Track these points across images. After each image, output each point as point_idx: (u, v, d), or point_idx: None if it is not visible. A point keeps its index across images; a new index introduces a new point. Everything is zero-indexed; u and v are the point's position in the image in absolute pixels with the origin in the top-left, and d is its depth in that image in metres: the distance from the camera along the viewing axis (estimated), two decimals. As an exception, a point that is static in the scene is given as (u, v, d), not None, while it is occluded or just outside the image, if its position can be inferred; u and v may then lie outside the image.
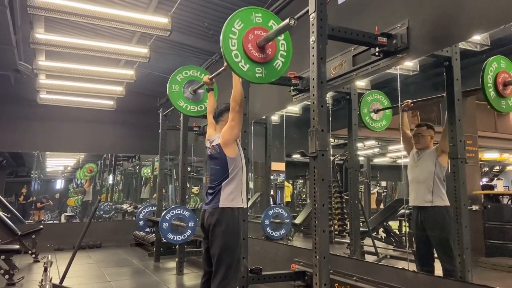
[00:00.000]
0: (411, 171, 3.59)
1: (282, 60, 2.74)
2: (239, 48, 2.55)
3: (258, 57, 2.61)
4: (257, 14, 2.67)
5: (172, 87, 4.05)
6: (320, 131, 2.50)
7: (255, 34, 2.60)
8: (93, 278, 5.11)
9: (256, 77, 2.61)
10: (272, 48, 2.67)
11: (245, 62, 2.57)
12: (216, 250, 2.74)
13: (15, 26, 5.18)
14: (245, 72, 2.57)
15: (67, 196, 13.41)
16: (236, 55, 2.54)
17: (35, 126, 8.26)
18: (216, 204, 2.79)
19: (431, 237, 3.36)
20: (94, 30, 5.87)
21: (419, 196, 3.43)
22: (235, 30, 2.55)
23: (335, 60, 3.54)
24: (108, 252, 7.41)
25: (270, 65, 2.69)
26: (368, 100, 4.21)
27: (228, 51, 2.52)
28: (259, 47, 2.61)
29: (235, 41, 2.55)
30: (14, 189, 12.71)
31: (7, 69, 6.51)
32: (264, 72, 2.65)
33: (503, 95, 2.84)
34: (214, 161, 2.93)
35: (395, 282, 2.83)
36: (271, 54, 2.66)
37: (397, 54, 2.90)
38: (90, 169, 12.27)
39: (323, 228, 2.49)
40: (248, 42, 2.57)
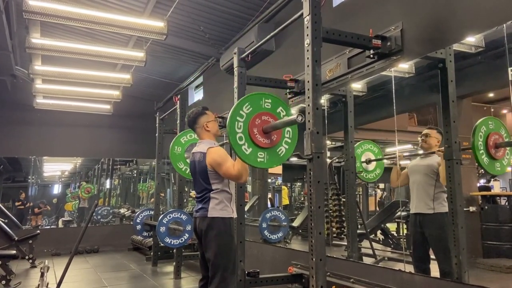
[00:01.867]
0: (412, 175, 3.58)
1: (286, 147, 2.70)
2: (244, 132, 2.54)
3: (263, 142, 2.59)
4: (267, 100, 2.66)
5: (174, 149, 4.09)
6: (316, 133, 2.51)
7: (262, 119, 2.59)
8: (91, 283, 5.08)
9: (258, 161, 2.58)
10: (277, 134, 2.65)
11: (248, 146, 2.55)
12: (211, 255, 2.74)
13: (11, 30, 5.17)
14: (247, 156, 2.54)
15: (65, 201, 13.37)
16: (240, 138, 2.52)
17: (32, 131, 8.24)
18: (204, 213, 2.76)
19: (429, 239, 3.36)
20: (91, 34, 5.88)
21: (420, 203, 3.41)
22: (243, 113, 2.54)
23: (331, 62, 3.56)
24: (106, 257, 7.38)
25: (273, 151, 2.65)
26: (359, 152, 4.28)
27: (233, 133, 2.50)
28: (264, 133, 2.59)
29: (241, 124, 2.53)
30: (12, 194, 12.68)
31: (3, 74, 6.49)
32: (266, 157, 2.61)
33: (496, 158, 2.85)
34: (197, 167, 2.85)
35: (391, 283, 2.83)
36: (275, 140, 2.64)
37: (392, 56, 2.92)
38: (88, 190, 12.19)
39: (319, 230, 2.50)
40: (254, 127, 2.56)
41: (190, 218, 5.11)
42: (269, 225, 5.27)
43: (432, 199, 3.34)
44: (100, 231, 9.14)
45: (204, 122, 2.90)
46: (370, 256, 4.96)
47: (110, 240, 8.47)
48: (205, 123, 2.90)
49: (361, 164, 4.24)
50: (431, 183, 3.37)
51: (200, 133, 2.94)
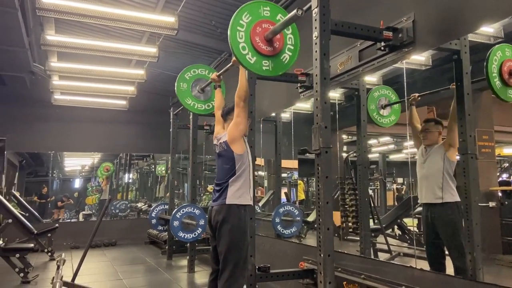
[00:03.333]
0: (419, 168, 3.52)
1: (289, 54, 2.74)
2: (246, 41, 2.55)
3: (266, 50, 2.61)
4: (265, 8, 2.67)
5: (180, 85, 4.08)
6: (324, 128, 2.47)
7: (263, 27, 2.60)
8: (106, 276, 5.18)
9: (263, 69, 2.62)
10: (279, 41, 2.67)
11: (252, 55, 2.57)
12: (223, 248, 2.75)
13: (28, 28, 5.27)
14: (252, 65, 2.57)
15: (86, 195, 13.66)
16: (243, 48, 2.54)
17: (50, 127, 8.42)
18: (223, 201, 2.80)
19: (441, 235, 3.29)
20: (105, 31, 5.94)
21: (428, 193, 3.36)
22: (243, 23, 2.56)
23: (342, 55, 3.50)
24: (123, 250, 7.50)
25: (278, 58, 2.69)
26: (375, 95, 4.16)
27: (236, 43, 2.52)
28: (266, 40, 2.61)
29: (243, 33, 2.55)
30: (34, 188, 13.01)
31: (21, 71, 6.63)
32: (271, 65, 2.65)
33: (509, 85, 2.75)
34: (222, 158, 2.93)
35: (402, 280, 2.78)
36: (278, 48, 2.66)
37: (403, 48, 2.84)
38: (106, 168, 12.49)
39: (327, 226, 2.47)
40: (255, 35, 2.57)
41: (204, 212, 5.14)
42: (282, 220, 5.25)
43: (440, 188, 3.27)
44: (118, 225, 9.31)
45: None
46: (385, 252, 4.91)
47: (128, 234, 8.61)
48: None
49: (376, 108, 4.14)
50: (439, 172, 3.30)
51: (229, 125, 2.95)
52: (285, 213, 5.32)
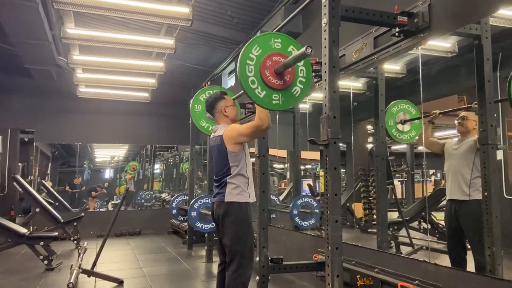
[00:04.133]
0: (448, 160, 3.39)
1: (300, 87, 2.61)
2: (256, 75, 2.45)
3: (276, 84, 2.50)
4: (276, 40, 2.56)
5: (194, 107, 4.04)
6: (332, 118, 2.40)
7: (273, 60, 2.49)
8: (127, 264, 5.29)
9: (273, 104, 2.49)
10: (290, 74, 2.55)
11: (261, 89, 2.47)
12: (228, 240, 2.74)
13: (50, 21, 5.38)
14: (261, 99, 2.46)
15: (116, 185, 14.05)
16: (252, 82, 2.44)
17: (76, 119, 8.65)
18: (221, 198, 2.78)
19: (464, 228, 3.18)
20: (124, 23, 6.00)
21: (455, 189, 3.23)
22: (253, 56, 2.46)
23: (356, 43, 3.39)
24: (146, 239, 7.66)
25: (288, 91, 2.56)
26: (393, 111, 4.05)
27: (245, 77, 2.42)
28: (277, 74, 2.49)
29: (252, 67, 2.45)
30: (67, 178, 13.48)
31: (47, 64, 6.78)
32: (281, 99, 2.52)
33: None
34: (217, 152, 2.87)
35: (416, 274, 2.70)
36: (289, 81, 2.54)
37: (419, 33, 2.72)
38: (133, 167, 12.81)
39: (336, 218, 2.40)
40: (265, 68, 2.47)
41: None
42: (300, 212, 5.20)
43: (468, 185, 3.14)
44: (143, 214, 9.52)
45: (222, 107, 2.89)
46: (408, 245, 4.80)
47: (152, 224, 8.79)
48: (223, 108, 2.89)
49: (395, 123, 4.03)
50: (467, 168, 3.16)
51: (218, 118, 2.92)
52: (303, 205, 5.26)
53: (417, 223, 5.55)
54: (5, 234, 4.76)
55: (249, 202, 2.82)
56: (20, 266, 5.09)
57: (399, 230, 5.18)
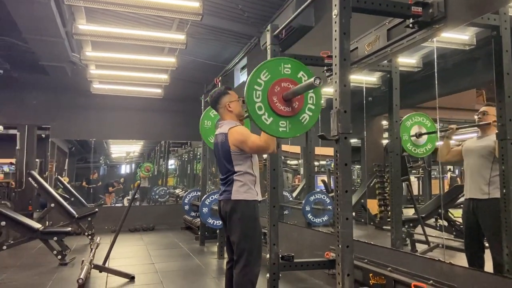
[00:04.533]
0: (466, 158, 3.27)
1: (309, 114, 2.50)
2: (263, 100, 2.38)
3: (283, 111, 2.42)
4: (286, 65, 2.48)
5: (204, 123, 3.99)
6: (343, 113, 2.33)
7: (282, 86, 2.42)
8: (139, 259, 5.31)
9: (280, 131, 2.42)
10: (299, 101, 2.46)
11: (268, 115, 2.39)
12: (235, 238, 2.71)
13: (63, 18, 5.41)
14: (268, 126, 2.38)
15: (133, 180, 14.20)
16: (259, 108, 2.37)
17: (91, 115, 8.74)
18: (228, 196, 2.73)
19: (483, 227, 3.07)
20: (136, 19, 5.99)
21: (474, 188, 3.12)
22: (261, 81, 2.39)
23: (369, 35, 3.30)
24: (159, 235, 7.69)
25: (296, 119, 2.47)
26: (408, 125, 3.96)
27: (252, 102, 2.35)
28: (285, 100, 2.42)
29: (260, 93, 2.38)
30: (84, 174, 13.69)
31: (61, 61, 6.84)
32: (288, 126, 2.44)
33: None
34: (220, 149, 2.81)
35: (430, 274, 2.61)
36: (297, 108, 2.45)
37: (434, 24, 2.62)
38: (147, 168, 12.97)
39: (346, 216, 2.33)
40: (273, 95, 2.39)
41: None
42: (312, 208, 5.13)
43: (487, 183, 3.03)
44: (157, 210, 9.57)
45: (227, 103, 2.83)
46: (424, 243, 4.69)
47: (165, 219, 8.84)
48: (227, 103, 2.83)
49: (410, 137, 3.94)
50: (487, 165, 3.04)
51: (222, 113, 2.88)
52: (315, 202, 5.19)
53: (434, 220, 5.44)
54: (19, 229, 4.82)
55: (256, 200, 2.77)
56: (35, 261, 5.16)
57: (414, 227, 5.06)
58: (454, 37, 3.93)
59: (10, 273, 4.48)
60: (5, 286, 3.94)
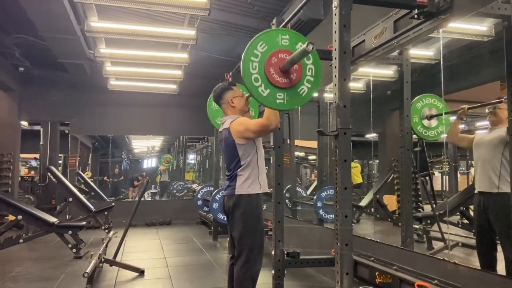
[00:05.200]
0: (477, 150, 3.18)
1: (308, 86, 2.45)
2: (260, 72, 2.33)
3: (280, 82, 2.36)
4: (284, 36, 2.42)
5: (211, 105, 3.98)
6: (342, 107, 2.26)
7: (279, 57, 2.36)
8: (152, 254, 5.37)
9: (277, 103, 2.36)
10: (297, 72, 2.40)
11: (265, 87, 2.34)
12: (237, 234, 2.70)
13: (78, 16, 5.49)
14: (265, 98, 2.33)
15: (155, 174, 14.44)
16: (256, 79, 2.32)
17: (109, 111, 8.89)
18: (232, 191, 2.72)
19: (494, 225, 2.96)
20: (149, 15, 6.02)
21: (484, 180, 3.02)
22: (258, 52, 2.33)
23: (376, 28, 3.20)
24: (175, 229, 7.78)
25: (294, 90, 2.42)
26: (418, 106, 3.84)
27: (248, 74, 2.30)
28: (282, 72, 2.36)
29: (257, 64, 2.32)
30: (107, 169, 14.00)
31: (79, 58, 6.96)
32: (286, 98, 2.38)
33: None
34: (225, 145, 2.80)
35: (435, 273, 2.54)
36: (295, 79, 2.40)
37: (440, 15, 2.51)
38: (167, 160, 13.17)
39: (345, 213, 2.28)
40: (270, 66, 2.34)
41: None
42: (324, 205, 5.07)
43: (498, 176, 2.92)
44: (174, 204, 9.68)
45: (230, 98, 2.82)
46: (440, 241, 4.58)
47: (182, 214, 8.92)
48: (230, 98, 2.82)
49: (420, 120, 3.83)
50: (497, 158, 2.93)
51: (225, 109, 2.86)
52: (327, 197, 5.13)
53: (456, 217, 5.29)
54: (35, 223, 4.95)
55: (259, 194, 2.75)
56: (51, 254, 5.29)
57: (432, 224, 4.95)
58: (472, 28, 3.79)
59: (25, 266, 4.61)
60: (19, 279, 4.06)
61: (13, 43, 6.72)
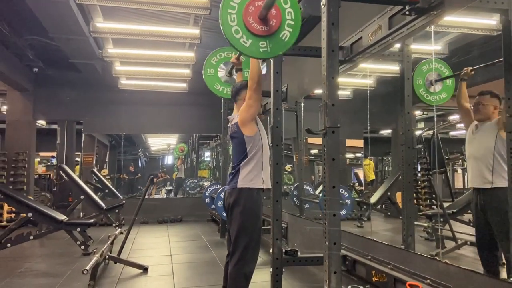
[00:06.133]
0: (468, 146, 3.14)
1: (289, 30, 2.45)
2: (239, 23, 2.32)
3: (261, 30, 2.36)
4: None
5: (207, 71, 3.98)
6: (331, 106, 2.26)
7: (256, 5, 2.36)
8: (159, 251, 5.44)
9: (261, 52, 2.36)
10: (276, 18, 2.41)
11: (247, 38, 2.34)
12: (234, 231, 2.73)
13: (86, 17, 5.58)
14: (248, 48, 2.34)
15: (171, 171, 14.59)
16: (236, 31, 2.32)
17: (120, 110, 9.03)
18: (234, 185, 2.75)
19: (492, 224, 2.90)
20: (156, 15, 6.07)
21: (476, 176, 2.98)
22: (234, 4, 2.33)
23: (372, 25, 3.15)
24: (185, 227, 7.86)
25: (276, 37, 2.42)
26: (424, 69, 3.75)
27: (228, 27, 2.31)
28: (260, 19, 2.36)
29: (235, 16, 2.32)
30: (125, 166, 14.24)
31: (90, 58, 7.07)
32: (269, 46, 2.39)
33: None
34: (234, 140, 2.89)
35: (428, 273, 2.51)
36: (275, 25, 2.40)
37: (432, 11, 2.46)
38: (181, 149, 13.26)
39: (334, 212, 2.27)
40: (248, 15, 2.33)
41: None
42: (329, 202, 5.04)
43: (490, 171, 2.87)
44: (186, 202, 9.78)
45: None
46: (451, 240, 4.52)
47: (193, 211, 9.01)
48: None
49: (424, 83, 3.77)
50: (489, 153, 2.88)
51: (239, 106, 2.89)
52: (332, 195, 5.09)
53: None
54: (45, 220, 5.07)
55: (261, 189, 2.77)
56: (61, 250, 5.42)
57: (444, 223, 4.88)
58: (480, 22, 3.71)
59: (34, 262, 4.74)
60: (26, 274, 4.17)
61: (26, 44, 6.90)
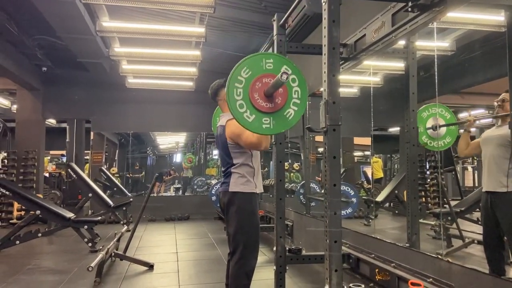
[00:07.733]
0: (484, 147, 3.09)
1: (294, 109, 2.40)
2: (245, 98, 2.33)
3: (266, 107, 2.34)
4: (268, 60, 2.41)
5: (216, 121, 4.00)
6: (332, 104, 2.25)
7: (263, 82, 2.35)
8: (165, 248, 5.48)
9: (263, 128, 2.35)
10: (282, 96, 2.38)
11: (250, 113, 2.33)
12: (231, 230, 2.73)
13: (93, 16, 5.62)
14: (250, 123, 2.32)
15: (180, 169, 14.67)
16: (241, 105, 2.31)
17: (128, 109, 9.11)
18: (226, 188, 2.74)
19: (501, 223, 2.87)
20: (162, 13, 6.09)
21: (491, 180, 2.94)
22: (242, 78, 2.33)
23: (376, 22, 3.13)
24: (192, 224, 7.90)
25: (280, 114, 2.39)
26: (424, 116, 3.76)
27: (233, 101, 2.30)
28: (266, 96, 2.35)
29: (241, 90, 2.32)
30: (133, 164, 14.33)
31: (97, 57, 7.13)
32: (272, 123, 2.36)
33: None
34: (219, 142, 2.84)
35: (430, 271, 2.50)
36: (280, 103, 2.37)
37: (434, 7, 2.44)
38: (189, 160, 13.36)
39: (334, 211, 2.27)
40: (254, 91, 2.33)
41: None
42: (336, 200, 5.02)
43: (506, 175, 2.82)
44: (194, 200, 9.83)
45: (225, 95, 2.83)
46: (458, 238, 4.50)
47: (200, 209, 9.06)
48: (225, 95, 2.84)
49: (426, 130, 3.75)
50: (505, 156, 2.84)
51: (222, 106, 2.89)
52: (338, 193, 5.08)
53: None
54: (53, 217, 5.14)
55: (254, 193, 2.76)
56: (69, 248, 5.49)
57: (452, 221, 4.84)
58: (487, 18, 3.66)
59: (43, 259, 4.81)
60: (34, 271, 4.23)
61: (35, 44, 6.97)
